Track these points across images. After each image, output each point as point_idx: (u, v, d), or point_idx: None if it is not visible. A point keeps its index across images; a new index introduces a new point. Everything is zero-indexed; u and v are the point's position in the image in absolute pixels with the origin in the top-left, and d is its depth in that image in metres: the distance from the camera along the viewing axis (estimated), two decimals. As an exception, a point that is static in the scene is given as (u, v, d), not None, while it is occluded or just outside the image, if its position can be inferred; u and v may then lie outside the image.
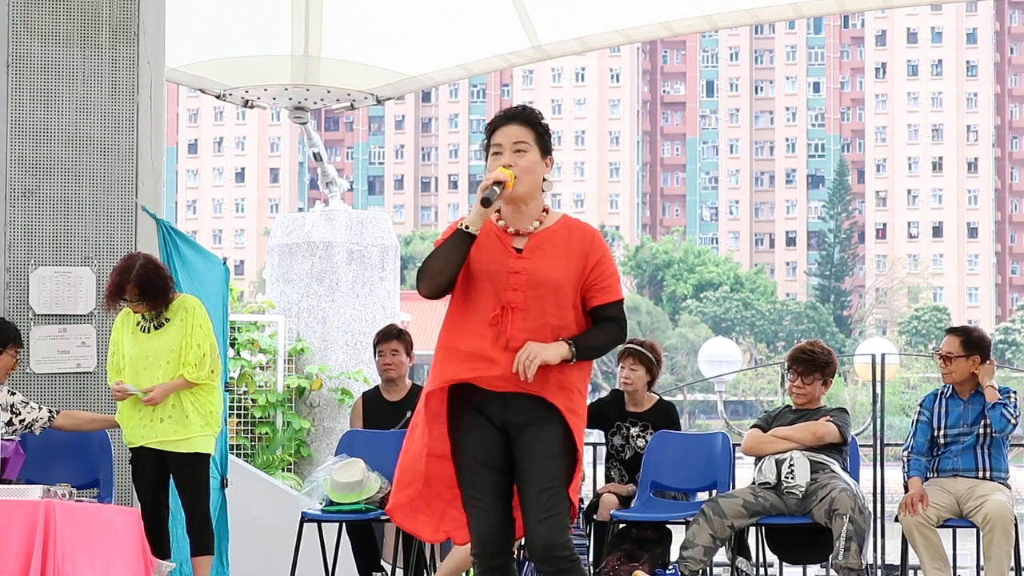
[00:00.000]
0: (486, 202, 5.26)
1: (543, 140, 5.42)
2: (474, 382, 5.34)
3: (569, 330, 5.35)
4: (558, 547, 5.26)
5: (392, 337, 9.14)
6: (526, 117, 5.43)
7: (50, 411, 8.17)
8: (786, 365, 8.58)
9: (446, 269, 5.32)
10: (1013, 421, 8.28)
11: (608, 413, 8.98)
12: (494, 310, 5.33)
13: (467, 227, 5.32)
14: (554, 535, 5.25)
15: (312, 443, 13.21)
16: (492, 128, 5.44)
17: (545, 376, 5.30)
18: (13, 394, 8.14)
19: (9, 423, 8.06)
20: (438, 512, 5.50)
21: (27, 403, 8.14)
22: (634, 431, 8.86)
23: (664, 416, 8.89)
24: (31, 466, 8.18)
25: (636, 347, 8.85)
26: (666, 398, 9.07)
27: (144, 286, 7.75)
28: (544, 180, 5.42)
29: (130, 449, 7.95)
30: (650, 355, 8.87)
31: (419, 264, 5.31)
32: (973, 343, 8.38)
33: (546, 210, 5.44)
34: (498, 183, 5.30)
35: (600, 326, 5.40)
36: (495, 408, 5.35)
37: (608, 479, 9.02)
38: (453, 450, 5.40)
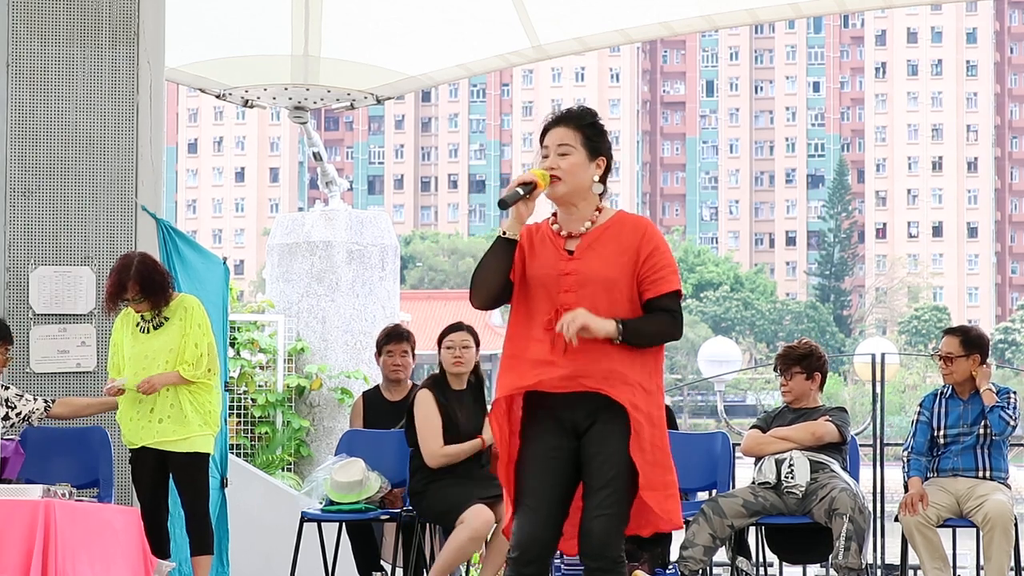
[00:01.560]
0: (502, 204, 5.26)
1: (591, 141, 5.37)
2: (538, 387, 5.33)
3: None
4: (608, 546, 5.27)
5: (403, 338, 9.14)
6: (573, 119, 5.39)
7: (46, 401, 8.17)
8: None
9: (491, 277, 5.33)
10: (1012, 423, 8.27)
11: None
12: (548, 314, 5.32)
13: (504, 233, 5.32)
14: (604, 533, 5.27)
15: (312, 443, 13.21)
16: (543, 131, 5.42)
17: (607, 370, 5.28)
18: (6, 388, 8.13)
19: (5, 417, 8.05)
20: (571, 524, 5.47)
21: (21, 396, 8.13)
22: None
23: None
24: (31, 466, 8.17)
25: None
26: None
27: (145, 283, 7.74)
28: (595, 182, 5.38)
29: (130, 450, 7.95)
30: None
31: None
32: (972, 342, 8.38)
33: (599, 209, 5.40)
34: (524, 184, 5.28)
35: (653, 315, 5.34)
36: (564, 410, 5.34)
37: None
38: (520, 454, 5.40)
